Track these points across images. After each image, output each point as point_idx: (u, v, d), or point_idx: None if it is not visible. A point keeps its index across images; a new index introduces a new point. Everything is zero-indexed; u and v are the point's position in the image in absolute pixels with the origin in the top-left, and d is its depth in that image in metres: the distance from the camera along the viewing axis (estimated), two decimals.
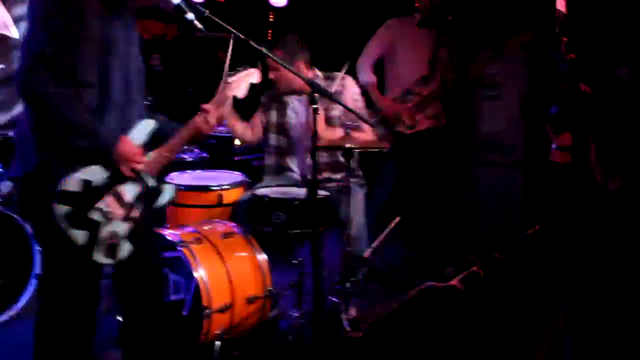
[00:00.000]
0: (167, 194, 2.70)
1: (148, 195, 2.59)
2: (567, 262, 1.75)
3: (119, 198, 2.49)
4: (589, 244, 1.85)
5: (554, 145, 2.43)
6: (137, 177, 2.53)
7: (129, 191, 2.52)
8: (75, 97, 2.39)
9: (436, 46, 4.69)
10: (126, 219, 2.50)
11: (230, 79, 2.86)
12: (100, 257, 2.44)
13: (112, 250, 2.46)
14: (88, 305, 2.55)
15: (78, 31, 2.36)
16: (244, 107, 3.80)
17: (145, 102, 2.73)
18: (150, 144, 2.61)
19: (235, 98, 2.92)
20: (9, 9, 5.43)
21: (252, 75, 2.94)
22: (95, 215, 2.42)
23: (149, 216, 2.66)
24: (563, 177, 2.38)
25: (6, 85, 5.42)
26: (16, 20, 5.49)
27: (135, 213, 2.53)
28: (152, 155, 2.60)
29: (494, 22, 5.05)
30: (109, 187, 2.47)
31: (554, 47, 2.57)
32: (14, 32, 5.48)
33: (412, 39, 4.72)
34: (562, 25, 2.61)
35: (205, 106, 2.71)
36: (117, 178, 2.48)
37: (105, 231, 2.44)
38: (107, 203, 2.46)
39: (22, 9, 5.42)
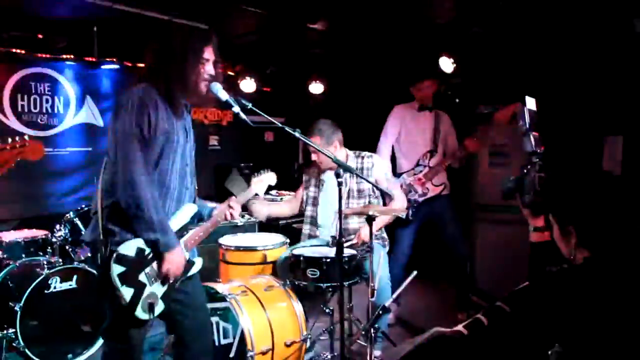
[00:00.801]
0: (196, 266, 3.06)
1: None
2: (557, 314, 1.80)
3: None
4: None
5: (530, 228, 2.53)
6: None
7: None
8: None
9: (436, 125, 5.20)
10: (164, 283, 2.85)
11: (254, 180, 3.49)
12: (140, 313, 2.77)
13: (150, 308, 2.79)
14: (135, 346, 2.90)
15: (156, 130, 2.73)
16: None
17: (193, 188, 3.06)
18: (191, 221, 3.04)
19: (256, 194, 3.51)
20: (96, 104, 6.53)
21: (271, 178, 3.58)
22: (143, 278, 2.78)
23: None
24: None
25: (92, 165, 6.35)
26: (102, 112, 6.57)
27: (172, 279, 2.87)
28: (190, 232, 3.03)
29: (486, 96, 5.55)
30: (158, 255, 2.80)
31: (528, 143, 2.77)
32: (100, 122, 6.54)
33: (415, 121, 5.22)
34: (533, 123, 2.85)
35: (232, 203, 3.21)
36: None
37: (147, 291, 2.79)
38: (153, 268, 2.81)
39: (106, 103, 6.57)
